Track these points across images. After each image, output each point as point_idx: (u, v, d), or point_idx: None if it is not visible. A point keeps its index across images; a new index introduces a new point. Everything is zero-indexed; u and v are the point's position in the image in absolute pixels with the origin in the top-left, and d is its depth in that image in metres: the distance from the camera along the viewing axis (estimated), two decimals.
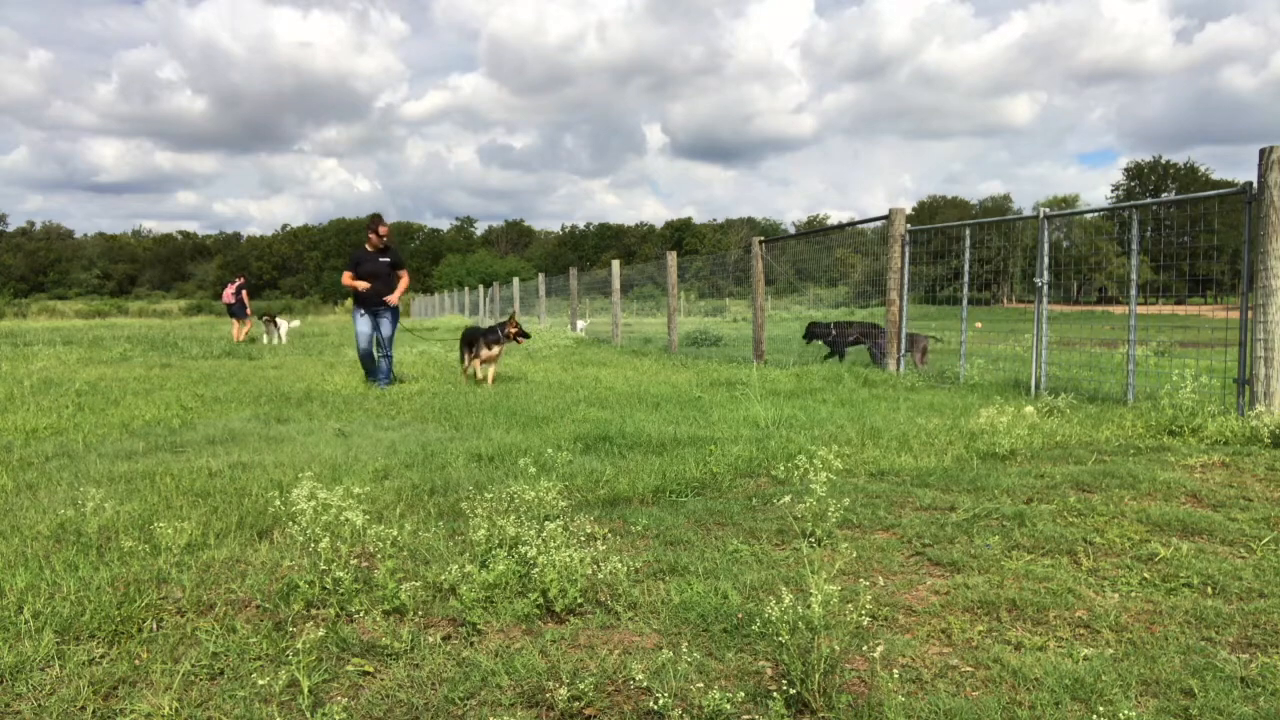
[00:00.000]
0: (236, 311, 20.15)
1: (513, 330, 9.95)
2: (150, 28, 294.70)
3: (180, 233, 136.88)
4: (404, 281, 10.12)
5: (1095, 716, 2.06)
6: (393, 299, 9.96)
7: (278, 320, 20.10)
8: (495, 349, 9.64)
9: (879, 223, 10.78)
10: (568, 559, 2.86)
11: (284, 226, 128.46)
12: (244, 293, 20.12)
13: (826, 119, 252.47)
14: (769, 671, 2.37)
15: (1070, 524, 3.70)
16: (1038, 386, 8.25)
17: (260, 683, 2.31)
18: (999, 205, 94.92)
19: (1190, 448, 5.31)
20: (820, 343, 13.35)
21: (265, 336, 20.00)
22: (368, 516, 3.14)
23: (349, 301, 9.56)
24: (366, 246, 9.95)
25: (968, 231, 9.46)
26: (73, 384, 9.79)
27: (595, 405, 7.76)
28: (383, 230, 9.89)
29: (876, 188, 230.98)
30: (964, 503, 4.06)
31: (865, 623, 2.59)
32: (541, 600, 2.80)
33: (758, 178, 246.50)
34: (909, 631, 2.65)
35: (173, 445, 6.01)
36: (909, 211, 10.35)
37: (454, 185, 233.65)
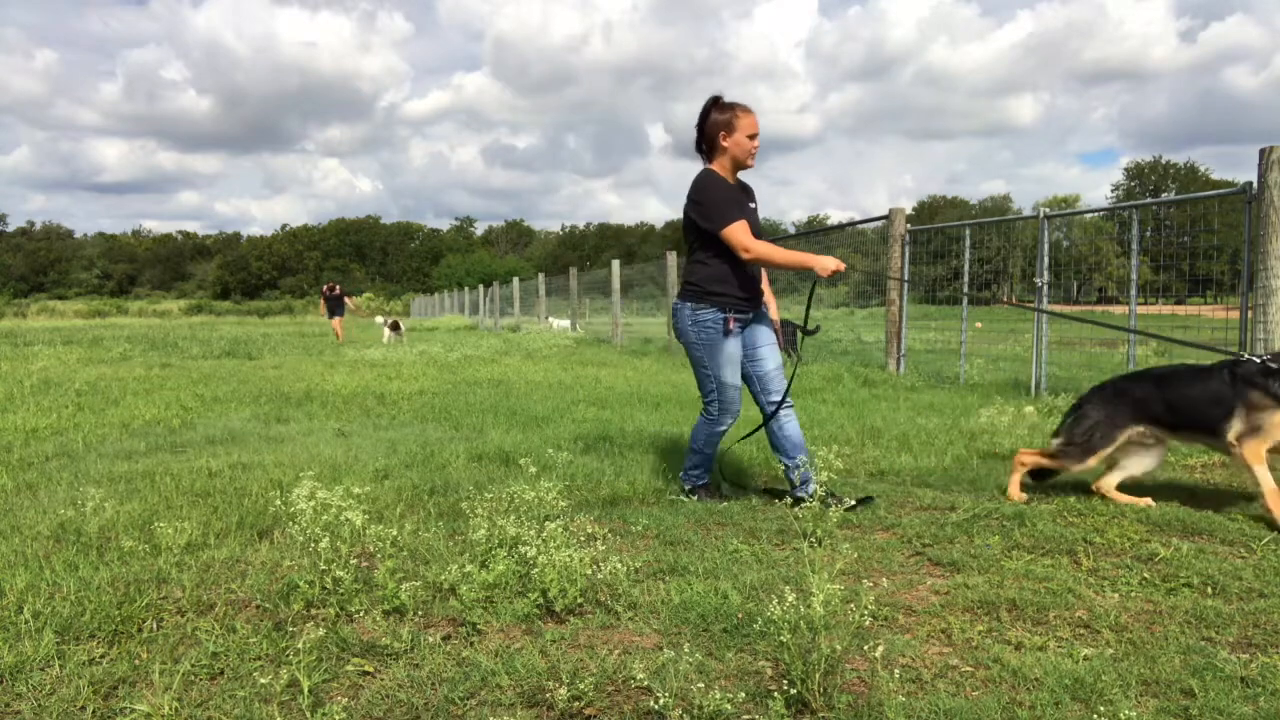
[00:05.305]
0: (335, 309, 23.20)
1: None
2: (154, 27, 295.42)
3: (180, 232, 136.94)
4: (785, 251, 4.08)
5: (1095, 716, 2.06)
6: (829, 263, 3.92)
7: (398, 324, 22.57)
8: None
9: (879, 223, 10.77)
10: (568, 559, 2.86)
11: (283, 226, 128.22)
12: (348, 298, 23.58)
13: (829, 119, 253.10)
14: (769, 671, 2.37)
15: (1070, 524, 3.70)
16: (1038, 386, 8.25)
17: (260, 683, 2.31)
18: (999, 205, 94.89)
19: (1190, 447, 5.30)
20: None
21: (388, 337, 21.64)
22: (368, 516, 3.14)
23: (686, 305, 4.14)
24: (715, 168, 4.08)
25: (968, 231, 9.46)
26: (73, 384, 9.78)
27: (595, 405, 7.75)
28: (750, 127, 4.01)
29: (878, 188, 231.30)
30: (964, 503, 4.07)
31: (866, 623, 2.59)
32: (541, 600, 2.80)
33: (760, 177, 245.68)
34: (909, 631, 2.65)
35: (173, 445, 6.01)
36: (909, 211, 10.35)
37: (456, 185, 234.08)
